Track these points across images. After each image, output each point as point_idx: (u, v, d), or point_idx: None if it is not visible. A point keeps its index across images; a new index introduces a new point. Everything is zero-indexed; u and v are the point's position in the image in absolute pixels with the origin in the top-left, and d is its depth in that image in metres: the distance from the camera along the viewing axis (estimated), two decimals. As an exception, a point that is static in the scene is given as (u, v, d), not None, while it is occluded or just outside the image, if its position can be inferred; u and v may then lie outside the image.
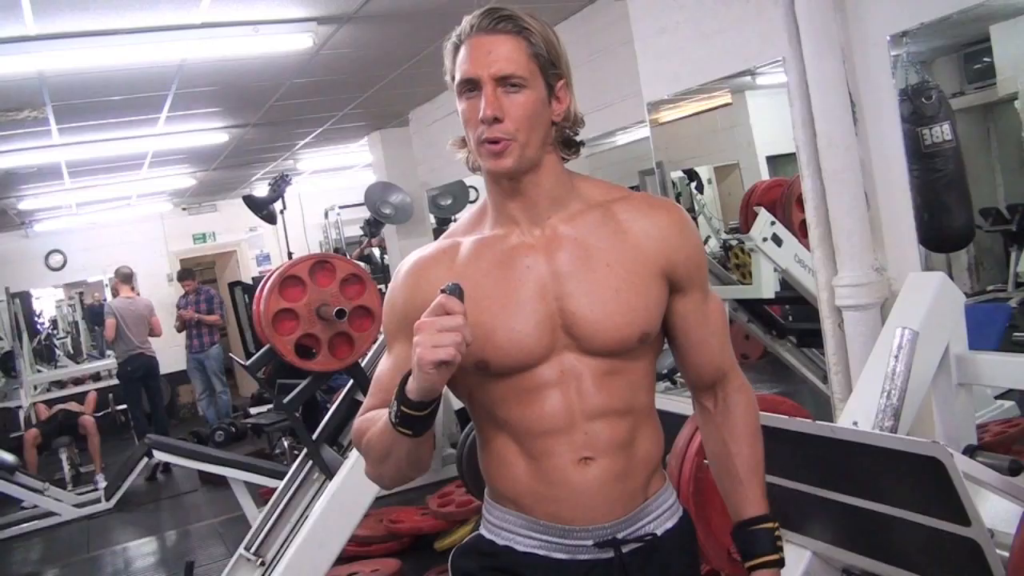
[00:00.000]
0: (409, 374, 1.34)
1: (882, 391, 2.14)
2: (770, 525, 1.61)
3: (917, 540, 1.95)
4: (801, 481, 2.18)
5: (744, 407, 1.65)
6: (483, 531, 1.62)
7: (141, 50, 3.87)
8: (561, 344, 1.49)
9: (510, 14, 1.46)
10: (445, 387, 1.39)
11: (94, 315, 11.46)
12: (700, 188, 5.25)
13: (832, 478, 2.09)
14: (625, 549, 1.53)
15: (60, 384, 10.41)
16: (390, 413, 1.38)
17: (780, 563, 1.60)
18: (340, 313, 3.97)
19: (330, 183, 11.34)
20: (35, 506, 7.31)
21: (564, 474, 1.50)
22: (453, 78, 1.50)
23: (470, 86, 1.46)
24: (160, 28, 3.72)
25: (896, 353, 2.15)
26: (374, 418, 1.48)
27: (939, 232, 3.22)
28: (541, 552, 1.53)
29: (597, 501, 1.51)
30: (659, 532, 1.57)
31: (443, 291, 1.31)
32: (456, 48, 1.49)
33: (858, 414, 2.43)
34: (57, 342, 11.35)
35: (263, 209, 7.88)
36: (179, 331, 9.49)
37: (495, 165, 1.47)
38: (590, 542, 1.52)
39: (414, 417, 1.35)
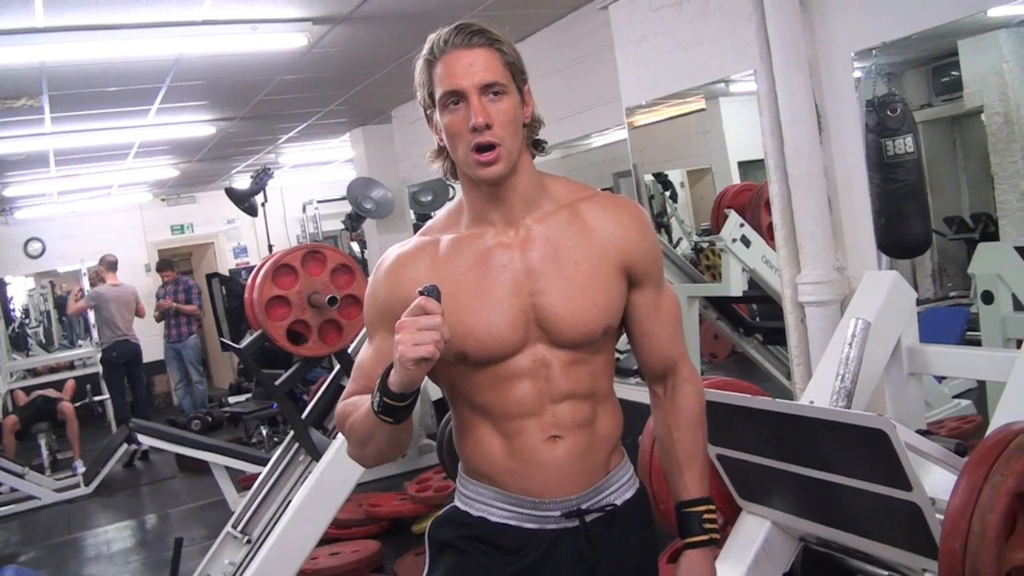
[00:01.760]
0: (391, 368, 1.44)
1: (836, 375, 2.35)
2: (701, 508, 1.75)
3: (866, 507, 2.15)
4: (761, 455, 2.38)
5: (689, 396, 1.79)
6: (458, 503, 1.74)
7: (142, 44, 3.99)
8: (534, 336, 1.63)
9: (480, 28, 1.57)
10: (424, 380, 1.50)
11: (64, 305, 11.51)
12: (674, 197, 5.42)
13: (790, 452, 2.29)
14: (589, 518, 1.68)
15: (34, 372, 10.46)
16: (372, 403, 1.48)
17: (710, 543, 1.75)
18: (332, 300, 4.14)
19: (309, 177, 11.42)
20: (14, 490, 7.40)
21: (535, 452, 1.64)
22: (431, 94, 1.59)
23: (454, 98, 1.55)
24: (163, 24, 3.85)
25: (850, 341, 2.36)
26: (357, 403, 1.59)
27: (897, 239, 3.36)
28: (513, 522, 1.68)
29: (564, 476, 1.66)
30: (619, 502, 1.73)
31: (421, 292, 1.40)
32: (430, 65, 1.58)
33: (815, 395, 2.65)
34: (30, 331, 11.39)
35: (245, 201, 7.99)
36: (158, 321, 9.61)
37: (488, 173, 1.57)
38: (558, 513, 1.67)
39: (395, 407, 1.46)
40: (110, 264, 9.08)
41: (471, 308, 1.59)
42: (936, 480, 2.28)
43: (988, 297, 3.64)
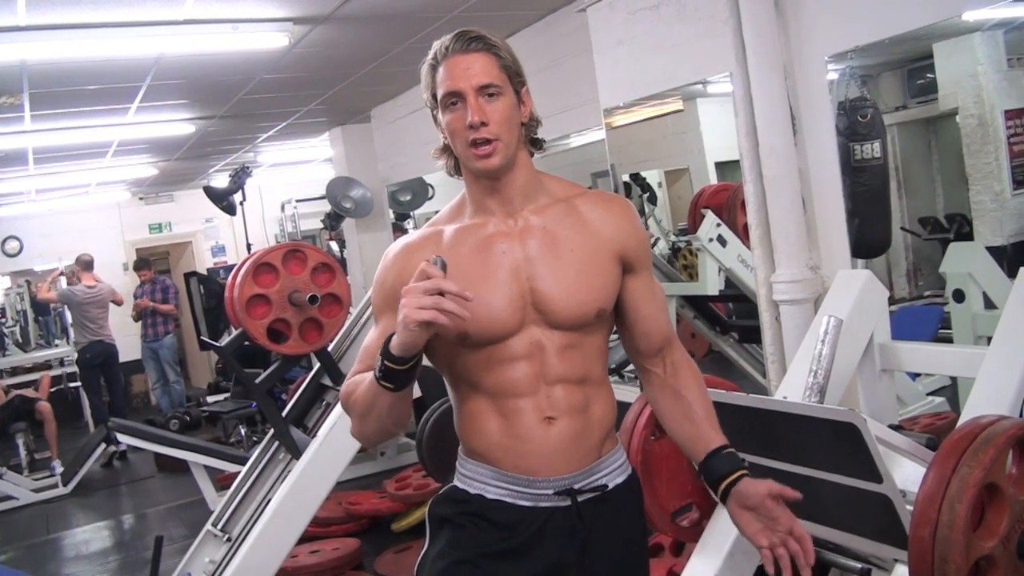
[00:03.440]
0: (392, 336, 1.55)
1: (809, 371, 2.41)
2: (732, 450, 1.80)
3: (839, 499, 2.20)
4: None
5: (690, 367, 1.89)
6: (457, 482, 1.83)
7: (123, 43, 4.00)
8: (530, 319, 1.72)
9: (479, 35, 1.69)
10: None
11: (40, 305, 11.45)
12: (653, 199, 5.45)
13: (764, 447, 2.33)
14: (581, 498, 1.76)
15: (12, 372, 10.39)
16: (375, 369, 1.58)
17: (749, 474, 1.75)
18: (313, 299, 4.15)
19: (288, 176, 11.40)
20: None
21: (531, 431, 1.72)
22: (435, 95, 1.71)
23: (454, 99, 1.67)
24: (144, 23, 3.86)
25: (823, 338, 2.41)
26: (360, 379, 1.69)
27: (856, 241, 3.45)
28: (508, 499, 1.75)
29: (558, 456, 1.74)
30: (610, 485, 1.80)
31: (427, 261, 1.51)
32: (434, 69, 1.70)
33: (788, 391, 2.70)
34: (6, 331, 11.31)
35: (223, 200, 7.95)
36: (135, 320, 9.57)
37: (485, 164, 1.69)
38: (551, 491, 1.74)
39: (396, 371, 1.56)
40: (85, 264, 8.98)
41: (472, 291, 1.64)
42: (906, 473, 2.33)
43: (959, 295, 3.71)
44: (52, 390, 8.48)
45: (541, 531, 1.74)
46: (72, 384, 9.69)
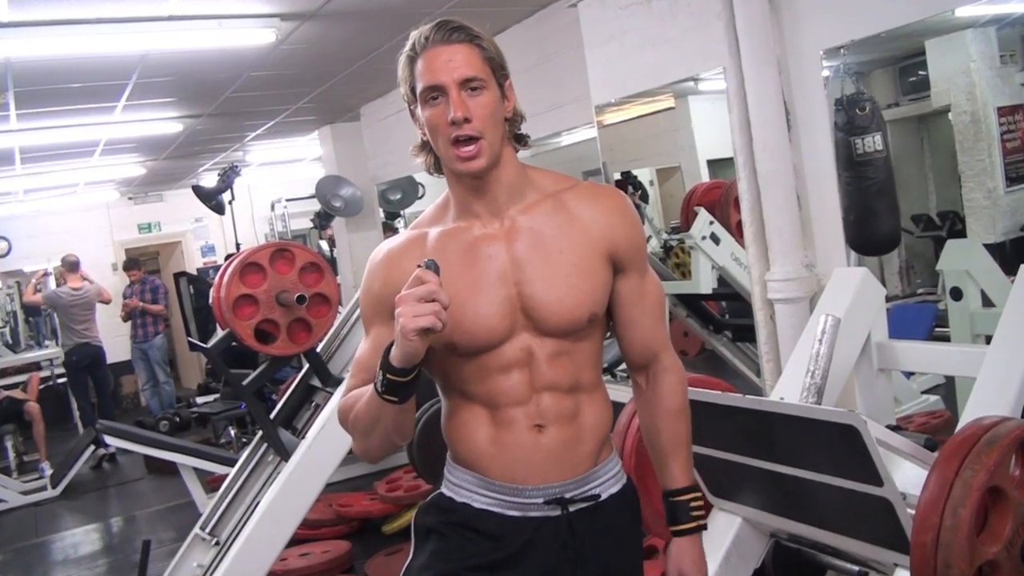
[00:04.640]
0: (390, 347, 1.48)
1: (806, 371, 2.36)
2: (687, 497, 1.80)
3: (837, 502, 2.16)
4: (732, 452, 2.38)
5: (672, 385, 1.81)
6: (444, 489, 1.76)
7: (108, 40, 3.95)
8: (520, 325, 1.65)
9: (460, 25, 1.60)
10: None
11: (29, 307, 11.38)
12: (645, 198, 5.42)
13: (760, 449, 2.29)
14: (572, 508, 1.69)
15: (2, 373, 10.31)
16: (376, 383, 1.51)
17: (697, 530, 1.81)
18: (301, 299, 4.09)
19: (277, 176, 11.35)
20: (-20, 492, 7.31)
21: (520, 438, 1.66)
22: (413, 89, 1.63)
23: (435, 93, 1.58)
24: (129, 19, 3.81)
25: (820, 337, 2.37)
26: (358, 395, 1.61)
27: (867, 237, 3.38)
28: (496, 509, 1.69)
29: (548, 464, 1.67)
30: (603, 495, 1.74)
31: (419, 266, 1.44)
32: (412, 61, 1.61)
33: (785, 392, 2.66)
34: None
35: (212, 199, 7.91)
36: (125, 320, 9.50)
37: (469, 167, 1.60)
38: (540, 500, 1.68)
39: (398, 383, 1.48)
40: (70, 265, 8.89)
41: (459, 299, 1.59)
42: (906, 475, 2.29)
43: (957, 294, 3.68)
44: (42, 386, 8.36)
45: (531, 542, 1.68)
46: (61, 380, 9.58)
